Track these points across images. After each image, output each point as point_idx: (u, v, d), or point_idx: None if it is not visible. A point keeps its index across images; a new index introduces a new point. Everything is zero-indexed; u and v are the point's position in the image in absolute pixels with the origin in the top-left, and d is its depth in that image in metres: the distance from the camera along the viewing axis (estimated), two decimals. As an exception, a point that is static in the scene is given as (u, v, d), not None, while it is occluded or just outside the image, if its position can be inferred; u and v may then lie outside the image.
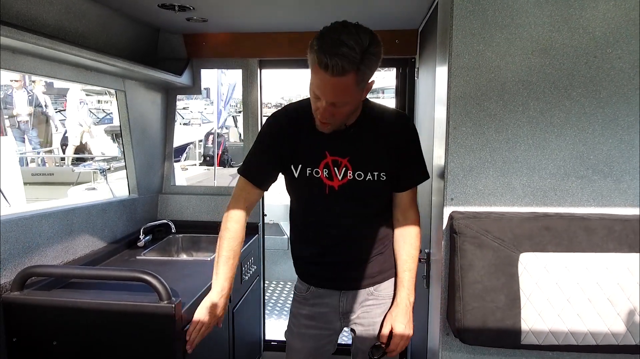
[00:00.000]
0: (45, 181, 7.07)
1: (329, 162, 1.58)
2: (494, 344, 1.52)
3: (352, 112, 1.52)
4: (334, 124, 1.51)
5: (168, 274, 2.10)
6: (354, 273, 1.70)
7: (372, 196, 1.64)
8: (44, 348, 1.72)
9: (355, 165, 1.58)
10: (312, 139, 1.58)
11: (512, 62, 1.51)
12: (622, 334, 1.47)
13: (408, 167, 1.64)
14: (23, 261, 1.83)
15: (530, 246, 1.47)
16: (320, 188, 1.59)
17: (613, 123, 1.51)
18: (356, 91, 1.40)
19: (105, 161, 7.43)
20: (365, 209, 1.65)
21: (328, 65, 1.30)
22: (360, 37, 1.31)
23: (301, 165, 1.60)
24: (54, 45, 1.66)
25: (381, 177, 1.60)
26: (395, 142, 1.61)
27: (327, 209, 1.64)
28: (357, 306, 1.73)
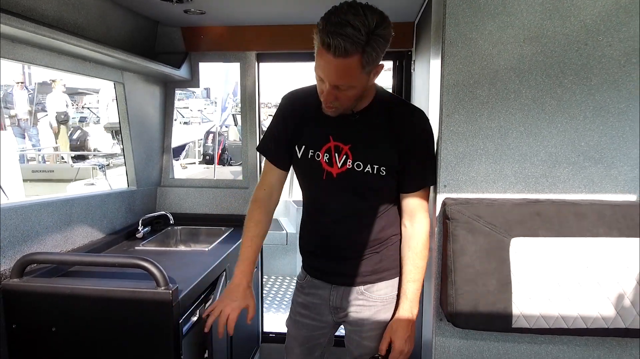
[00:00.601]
0: (45, 178, 7.11)
1: (331, 146, 1.53)
2: (486, 327, 1.55)
3: (359, 97, 1.46)
4: (340, 108, 1.45)
5: (166, 263, 2.12)
6: (345, 268, 1.63)
7: (369, 190, 1.55)
8: (43, 335, 1.74)
9: (356, 154, 1.52)
10: (318, 122, 1.55)
11: (504, 50, 1.53)
12: (612, 318, 1.49)
13: (413, 168, 1.53)
14: (23, 249, 1.85)
15: (522, 231, 1.49)
16: (318, 172, 1.56)
17: (604, 110, 1.53)
18: (361, 74, 1.34)
19: (105, 157, 7.47)
20: (361, 202, 1.58)
21: (330, 45, 1.26)
22: (367, 18, 1.26)
23: (304, 147, 1.58)
24: (53, 34, 1.68)
25: (381, 172, 1.51)
26: (403, 138, 1.51)
27: (323, 196, 1.61)
28: (347, 304, 1.66)
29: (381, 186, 1.55)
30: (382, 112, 1.53)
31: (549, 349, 1.66)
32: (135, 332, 1.72)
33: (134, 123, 2.67)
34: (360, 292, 1.64)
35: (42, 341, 1.74)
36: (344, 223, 1.60)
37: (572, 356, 1.66)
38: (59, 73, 8.74)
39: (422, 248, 1.58)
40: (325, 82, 1.37)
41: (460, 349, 1.69)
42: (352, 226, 1.60)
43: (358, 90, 1.41)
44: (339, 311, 1.68)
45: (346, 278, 1.64)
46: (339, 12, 1.27)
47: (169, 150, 3.10)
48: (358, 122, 1.53)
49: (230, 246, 2.46)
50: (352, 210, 1.59)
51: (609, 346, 1.64)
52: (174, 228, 2.89)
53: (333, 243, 1.63)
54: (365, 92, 1.48)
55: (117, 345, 1.73)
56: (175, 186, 3.07)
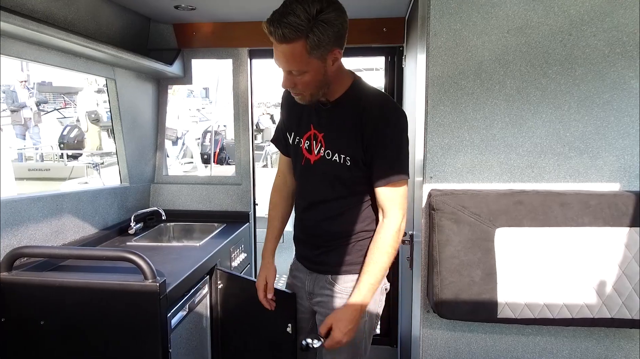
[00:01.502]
0: (41, 176, 7.12)
1: (311, 134, 1.59)
2: (471, 318, 1.55)
3: (321, 83, 1.47)
4: (305, 95, 1.49)
5: (156, 258, 2.12)
6: (316, 255, 1.66)
7: (336, 180, 1.56)
8: (32, 328, 1.75)
9: (327, 143, 1.55)
10: (304, 111, 1.61)
11: (488, 41, 1.54)
12: (597, 308, 1.49)
13: (377, 161, 1.50)
14: (12, 244, 1.85)
15: (506, 221, 1.50)
16: (300, 158, 1.63)
17: (588, 101, 1.54)
18: (310, 59, 1.38)
19: (100, 156, 7.49)
20: (330, 191, 1.58)
21: (273, 33, 1.35)
22: (309, 5, 1.32)
23: (293, 134, 1.65)
24: (41, 28, 1.68)
25: (346, 162, 1.52)
26: (369, 128, 1.48)
27: (302, 182, 1.67)
28: (318, 291, 1.67)
29: (347, 177, 1.54)
30: (354, 102, 1.53)
31: (537, 341, 1.66)
32: (123, 325, 1.72)
33: (126, 120, 2.67)
34: (328, 281, 1.64)
35: (31, 334, 1.75)
36: (315, 209, 1.63)
37: (559, 348, 1.66)
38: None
39: (385, 244, 1.51)
40: (282, 71, 1.45)
41: (448, 341, 1.69)
42: (321, 214, 1.62)
43: (313, 75, 1.43)
44: (312, 296, 1.70)
45: (317, 265, 1.67)
46: (286, 3, 1.36)
47: (162, 147, 3.10)
48: (331, 111, 1.56)
49: (222, 242, 2.46)
50: (322, 197, 1.60)
51: (597, 338, 1.64)
52: (166, 225, 2.89)
53: (306, 228, 1.69)
54: (332, 78, 1.49)
55: (106, 338, 1.73)
56: (169, 183, 3.08)
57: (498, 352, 1.68)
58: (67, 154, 8.85)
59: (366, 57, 2.95)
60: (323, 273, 1.65)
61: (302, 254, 1.73)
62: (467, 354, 1.69)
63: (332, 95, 1.54)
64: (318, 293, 1.67)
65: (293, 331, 1.75)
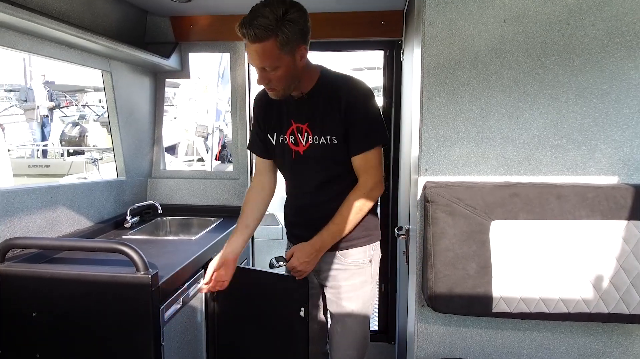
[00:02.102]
0: (42, 172, 7.13)
1: (294, 128, 1.75)
2: (466, 312, 1.52)
3: (293, 77, 1.63)
4: (279, 89, 1.64)
5: (151, 251, 2.11)
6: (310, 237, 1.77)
7: (330, 160, 1.72)
8: (24, 319, 1.74)
9: (314, 130, 1.71)
10: (281, 110, 1.78)
11: (485, 31, 1.51)
12: (594, 302, 1.47)
13: (353, 131, 1.68)
14: (5, 235, 1.84)
15: (502, 214, 1.47)
16: (289, 153, 1.78)
17: (587, 92, 1.51)
18: (281, 54, 1.55)
19: (99, 151, 7.50)
20: (326, 172, 1.74)
21: (245, 35, 1.51)
22: (276, 7, 1.50)
23: (276, 133, 1.80)
24: (32, 17, 1.67)
25: (333, 140, 1.69)
26: (343, 105, 1.66)
27: (296, 173, 1.82)
28: (325, 267, 1.84)
29: (338, 155, 1.71)
30: (327, 88, 1.71)
31: (533, 336, 1.64)
32: (115, 317, 1.71)
33: (122, 113, 2.65)
34: (336, 257, 1.82)
35: (23, 326, 1.74)
36: (315, 194, 1.78)
37: (556, 344, 1.63)
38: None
39: (354, 202, 1.70)
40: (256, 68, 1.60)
41: (443, 336, 1.67)
42: (321, 197, 1.77)
43: (285, 69, 1.59)
44: (319, 273, 1.88)
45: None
46: (254, 8, 1.53)
47: (159, 141, 3.09)
48: (309, 102, 1.72)
49: (217, 236, 2.45)
50: (320, 181, 1.76)
51: (595, 334, 1.62)
52: (163, 219, 2.88)
53: (308, 213, 1.84)
54: (301, 73, 1.66)
55: (98, 330, 1.72)
56: (166, 177, 3.06)
57: (494, 347, 1.66)
58: (69, 151, 8.89)
59: (364, 51, 2.93)
60: (329, 251, 1.79)
61: (303, 236, 1.80)
62: (463, 350, 1.67)
63: (306, 88, 1.71)
64: (325, 269, 1.85)
65: (306, 315, 1.84)
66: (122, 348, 1.72)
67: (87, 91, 13.16)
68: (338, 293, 1.85)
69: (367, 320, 1.90)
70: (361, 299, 1.85)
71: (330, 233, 1.73)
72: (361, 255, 1.82)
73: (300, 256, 1.73)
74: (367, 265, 1.85)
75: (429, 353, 1.68)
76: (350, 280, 1.82)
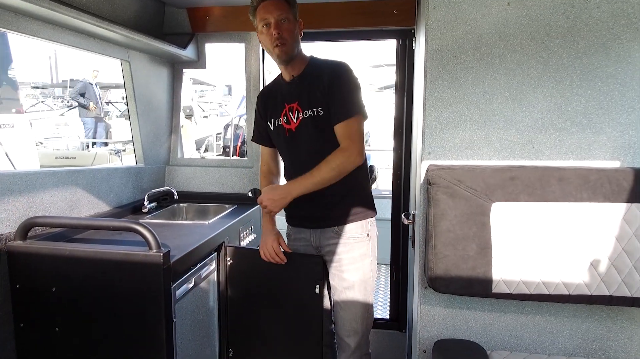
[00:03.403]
0: (68, 164, 7.36)
1: (286, 109, 1.93)
2: (466, 292, 1.54)
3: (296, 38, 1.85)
4: (288, 43, 1.82)
5: (166, 233, 2.19)
6: (318, 212, 1.93)
7: (318, 130, 1.85)
8: (43, 294, 1.82)
9: (303, 106, 1.88)
10: (276, 98, 1.99)
11: (488, 14, 1.52)
12: (595, 285, 1.47)
13: (333, 101, 1.82)
14: (27, 214, 1.94)
15: (503, 196, 1.48)
16: (283, 132, 1.94)
17: (592, 74, 1.50)
18: (290, 12, 1.83)
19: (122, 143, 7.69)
20: (316, 143, 1.87)
21: None
22: None
23: (272, 119, 1.99)
24: (52, 5, 1.75)
25: (319, 112, 1.84)
26: (327, 80, 1.83)
27: (291, 151, 1.97)
28: (325, 242, 1.96)
29: (323, 124, 1.84)
30: (314, 70, 1.90)
31: (536, 320, 1.65)
32: (129, 293, 1.78)
33: (140, 102, 2.74)
34: (335, 231, 1.93)
35: (43, 300, 1.83)
36: (306, 164, 1.85)
37: (559, 328, 1.64)
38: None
39: (332, 160, 1.79)
40: (271, 21, 1.81)
41: (446, 318, 1.69)
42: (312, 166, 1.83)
43: (291, 26, 1.83)
44: (320, 249, 1.99)
45: (320, 221, 1.95)
46: None
47: (177, 130, 3.17)
48: (299, 83, 1.91)
49: (231, 221, 2.51)
50: (310, 151, 1.88)
51: (598, 319, 1.61)
52: (179, 205, 2.96)
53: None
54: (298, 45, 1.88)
55: (112, 305, 1.80)
56: (183, 165, 3.14)
57: (496, 330, 1.67)
58: (93, 143, 9.17)
59: (377, 40, 2.93)
60: (329, 226, 1.93)
61: (302, 216, 2.00)
62: (465, 332, 1.69)
63: (297, 71, 1.91)
64: (325, 244, 1.96)
65: (321, 292, 1.95)
66: (136, 322, 1.79)
67: (110, 88, 13.47)
68: (339, 265, 1.94)
69: (368, 293, 1.95)
70: (361, 271, 1.93)
71: (303, 180, 1.82)
72: (359, 229, 1.92)
73: (269, 193, 1.87)
74: (365, 238, 1.94)
75: (431, 335, 1.70)
76: (350, 253, 1.92)
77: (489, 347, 1.66)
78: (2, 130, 5.65)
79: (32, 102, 12.76)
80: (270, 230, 2.01)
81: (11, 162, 5.34)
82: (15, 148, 5.50)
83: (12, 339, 1.86)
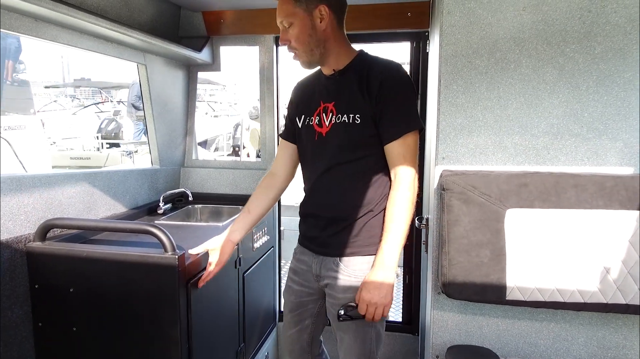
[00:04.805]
0: (82, 164, 7.47)
1: (321, 109, 1.65)
2: (479, 299, 1.54)
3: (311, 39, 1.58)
4: (300, 52, 1.60)
5: (180, 234, 2.21)
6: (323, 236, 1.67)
7: (347, 141, 1.57)
8: (62, 294, 1.86)
9: (339, 109, 1.60)
10: (313, 93, 1.71)
11: (503, 19, 1.51)
12: (612, 293, 1.45)
13: (386, 113, 1.53)
14: (46, 216, 1.98)
15: (517, 202, 1.47)
16: (312, 135, 1.67)
17: (609, 80, 1.49)
18: (295, 10, 1.55)
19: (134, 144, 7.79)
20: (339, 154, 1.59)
21: None
22: None
23: (303, 116, 1.71)
24: (70, 12, 1.78)
25: (356, 119, 1.55)
26: (375, 86, 1.54)
27: (315, 156, 1.68)
28: (325, 273, 1.68)
29: (357, 136, 1.56)
30: (361, 67, 1.59)
31: (551, 327, 1.63)
32: (144, 294, 1.81)
33: (157, 105, 2.78)
34: (335, 263, 1.65)
35: (61, 300, 1.87)
36: (326, 177, 1.64)
37: (574, 335, 1.62)
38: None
39: (396, 197, 1.51)
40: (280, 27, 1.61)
41: (459, 324, 1.69)
42: (332, 180, 1.63)
43: (300, 28, 1.57)
44: (319, 279, 1.72)
45: (324, 248, 1.67)
46: None
47: (192, 132, 3.20)
48: (340, 80, 1.63)
49: (244, 223, 2.53)
50: (332, 163, 1.61)
51: (615, 326, 1.60)
52: (194, 206, 2.99)
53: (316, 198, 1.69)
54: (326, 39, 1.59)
55: (129, 306, 1.83)
56: (198, 167, 3.18)
57: (510, 337, 1.66)
58: (108, 144, 9.29)
59: (391, 43, 2.92)
60: (331, 255, 1.66)
61: (309, 236, 1.74)
62: (479, 338, 1.68)
63: (338, 65, 1.63)
64: (325, 275, 1.68)
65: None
66: (152, 323, 1.82)
67: (121, 88, 13.63)
68: (337, 304, 1.63)
69: (368, 337, 1.64)
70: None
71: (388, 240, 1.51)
72: (364, 265, 1.59)
73: (369, 286, 1.50)
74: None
75: (444, 340, 1.70)
76: (348, 293, 1.60)
77: (502, 354, 1.65)
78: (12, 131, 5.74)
79: (45, 102, 12.94)
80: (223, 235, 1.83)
81: (22, 164, 5.40)
82: (26, 149, 5.58)
83: (30, 338, 1.90)
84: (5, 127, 5.68)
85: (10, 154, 5.31)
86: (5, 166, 5.22)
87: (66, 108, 13.08)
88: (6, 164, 5.24)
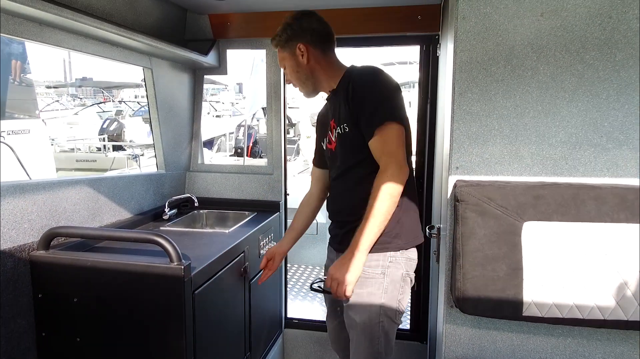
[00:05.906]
0: (87, 167, 7.47)
1: (330, 128, 1.82)
2: (494, 314, 1.49)
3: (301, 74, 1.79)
4: (300, 88, 1.84)
5: (186, 242, 2.18)
6: (341, 234, 1.81)
7: (345, 150, 1.73)
8: (65, 304, 1.83)
9: (336, 123, 1.77)
10: (326, 116, 1.92)
11: (520, 25, 1.46)
12: (632, 310, 1.40)
13: (360, 114, 1.62)
14: (50, 224, 1.94)
15: (535, 215, 1.42)
16: (329, 152, 1.87)
17: (630, 88, 1.43)
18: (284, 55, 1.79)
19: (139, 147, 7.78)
20: (342, 162, 1.76)
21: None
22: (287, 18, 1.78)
23: (324, 138, 1.90)
24: (76, 16, 1.75)
25: (345, 129, 1.70)
26: (350, 93, 1.65)
27: (330, 169, 1.90)
28: None
29: (350, 143, 1.70)
30: (346, 82, 1.72)
31: (567, 343, 1.58)
32: (149, 304, 1.77)
33: (162, 109, 2.74)
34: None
35: (65, 310, 1.83)
36: (335, 186, 1.84)
37: (592, 351, 1.57)
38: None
39: (378, 188, 1.54)
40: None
41: (472, 338, 1.64)
42: (341, 186, 1.80)
43: (290, 68, 1.80)
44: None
45: (342, 245, 1.74)
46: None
47: (197, 136, 3.17)
48: (333, 98, 1.81)
49: (250, 229, 2.49)
50: (339, 171, 1.79)
51: (633, 342, 1.54)
52: (199, 212, 2.95)
53: (330, 203, 1.90)
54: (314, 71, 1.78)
55: (133, 316, 1.79)
56: (204, 171, 3.14)
57: (525, 352, 1.61)
58: (113, 146, 9.28)
59: (401, 46, 2.88)
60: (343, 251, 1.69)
61: (332, 234, 1.91)
62: (492, 353, 1.63)
63: (332, 86, 1.80)
64: None
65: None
66: (157, 334, 1.78)
67: (122, 88, 13.63)
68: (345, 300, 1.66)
69: (375, 336, 1.69)
70: (367, 313, 1.68)
71: (363, 229, 1.55)
72: (372, 262, 1.64)
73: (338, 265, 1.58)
74: (377, 276, 1.67)
75: (457, 355, 1.65)
76: (356, 288, 1.61)
77: None
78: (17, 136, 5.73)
79: (47, 102, 12.95)
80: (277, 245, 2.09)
81: (25, 170, 5.36)
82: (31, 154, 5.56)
83: (34, 348, 1.87)
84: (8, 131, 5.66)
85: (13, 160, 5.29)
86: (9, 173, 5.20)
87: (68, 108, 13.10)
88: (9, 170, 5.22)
